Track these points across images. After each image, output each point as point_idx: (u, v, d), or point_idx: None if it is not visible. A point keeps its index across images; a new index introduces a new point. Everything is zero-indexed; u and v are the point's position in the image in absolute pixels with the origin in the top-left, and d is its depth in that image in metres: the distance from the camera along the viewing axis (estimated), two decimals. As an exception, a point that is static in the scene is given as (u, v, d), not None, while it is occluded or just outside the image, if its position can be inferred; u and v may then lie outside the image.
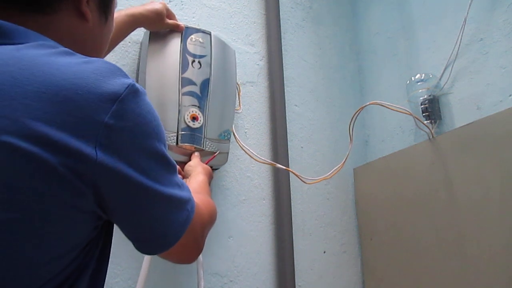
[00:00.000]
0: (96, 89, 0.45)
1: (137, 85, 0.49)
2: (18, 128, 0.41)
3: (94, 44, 0.60)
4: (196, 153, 1.04)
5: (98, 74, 0.47)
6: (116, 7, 0.66)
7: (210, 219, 0.69)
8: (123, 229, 0.53)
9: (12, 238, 0.42)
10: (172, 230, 0.54)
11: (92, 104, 0.45)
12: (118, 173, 0.46)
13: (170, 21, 1.07)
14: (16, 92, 0.43)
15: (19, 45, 0.48)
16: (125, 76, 0.49)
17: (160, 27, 1.07)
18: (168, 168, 0.53)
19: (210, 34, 1.14)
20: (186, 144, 1.03)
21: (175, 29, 1.09)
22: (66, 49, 0.50)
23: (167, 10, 1.07)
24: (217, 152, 1.08)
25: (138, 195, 0.50)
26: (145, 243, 0.55)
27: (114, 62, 0.82)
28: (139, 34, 1.13)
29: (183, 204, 0.55)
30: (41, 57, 0.46)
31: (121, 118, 0.46)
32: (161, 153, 0.52)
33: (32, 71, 0.44)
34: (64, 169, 0.43)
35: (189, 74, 1.07)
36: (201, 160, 1.03)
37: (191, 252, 0.61)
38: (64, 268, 0.47)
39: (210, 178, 0.92)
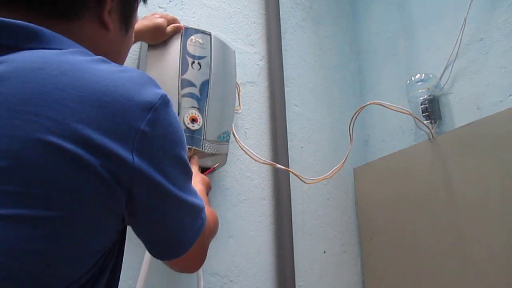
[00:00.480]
0: (134, 97, 0.47)
1: (167, 95, 0.51)
2: (63, 130, 0.43)
3: (114, 54, 0.60)
4: (195, 160, 1.04)
5: (134, 83, 0.49)
6: (137, 21, 0.67)
7: (214, 228, 0.71)
8: (142, 234, 0.55)
9: (48, 237, 0.43)
10: (189, 237, 0.56)
11: (130, 111, 0.47)
12: (151, 178, 0.48)
13: (169, 30, 1.07)
14: (60, 96, 0.44)
15: (59, 51, 0.49)
16: (157, 86, 0.51)
17: (160, 40, 1.07)
18: (188, 175, 0.55)
19: (210, 35, 1.14)
20: (185, 146, 1.03)
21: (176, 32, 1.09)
22: (101, 57, 0.51)
23: (168, 20, 1.07)
24: (216, 165, 1.10)
25: (165, 201, 0.51)
26: (162, 249, 0.57)
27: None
28: (139, 34, 1.13)
29: (199, 212, 0.57)
30: (82, 64, 0.48)
31: (154, 127, 0.48)
32: (184, 161, 0.54)
33: (75, 77, 0.46)
34: (104, 171, 0.44)
35: (188, 75, 1.07)
36: (199, 166, 1.04)
37: (197, 260, 0.63)
38: (87, 271, 0.47)
39: (208, 189, 0.93)
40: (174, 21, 1.09)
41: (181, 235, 0.55)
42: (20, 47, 0.48)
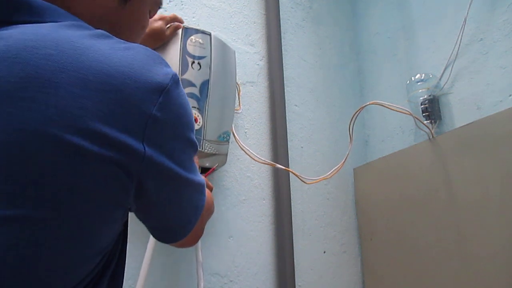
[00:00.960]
0: (143, 78, 0.43)
1: (177, 74, 0.48)
2: (65, 120, 0.38)
3: (113, 26, 0.54)
4: (195, 160, 1.03)
5: (143, 62, 0.45)
6: (159, 5, 0.62)
7: (212, 205, 0.70)
8: (150, 220, 0.53)
9: (54, 238, 0.39)
10: (195, 215, 0.55)
11: (140, 95, 0.43)
12: (162, 166, 0.46)
13: (168, 33, 1.05)
14: (61, 79, 0.39)
15: (53, 24, 0.44)
16: (166, 64, 0.48)
17: (161, 43, 1.05)
18: (194, 154, 0.53)
19: (210, 35, 1.14)
20: (185, 146, 1.03)
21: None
22: (101, 31, 0.46)
23: (167, 20, 1.05)
24: (216, 165, 1.09)
25: (175, 186, 0.50)
26: (171, 232, 0.55)
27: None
28: (139, 34, 1.13)
29: (202, 188, 0.56)
30: (81, 40, 0.43)
31: (166, 110, 0.45)
32: (193, 142, 0.52)
33: (75, 56, 0.41)
34: (113, 166, 0.41)
35: (188, 75, 1.07)
36: (199, 167, 1.03)
37: (196, 236, 0.62)
38: (93, 269, 0.45)
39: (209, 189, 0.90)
40: (173, 19, 1.07)
41: (189, 215, 0.54)
42: (8, 20, 0.44)
